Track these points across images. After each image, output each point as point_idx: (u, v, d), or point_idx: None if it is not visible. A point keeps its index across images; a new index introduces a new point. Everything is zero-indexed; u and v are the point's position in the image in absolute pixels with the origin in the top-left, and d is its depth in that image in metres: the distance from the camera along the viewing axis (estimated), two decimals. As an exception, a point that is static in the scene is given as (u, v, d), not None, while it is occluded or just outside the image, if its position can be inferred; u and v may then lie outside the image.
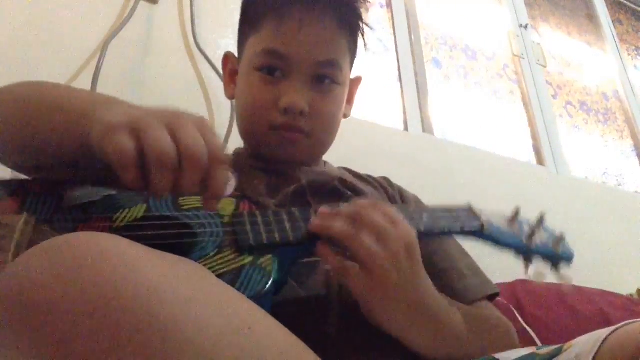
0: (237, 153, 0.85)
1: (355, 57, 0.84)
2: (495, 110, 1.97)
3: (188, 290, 0.34)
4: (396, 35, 1.85)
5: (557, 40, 2.40)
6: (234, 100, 0.85)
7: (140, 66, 1.20)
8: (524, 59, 2.15)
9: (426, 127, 1.72)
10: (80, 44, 1.14)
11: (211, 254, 0.52)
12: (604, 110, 2.34)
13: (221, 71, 1.28)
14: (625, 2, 2.84)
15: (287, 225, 0.57)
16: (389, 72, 1.77)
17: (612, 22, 2.63)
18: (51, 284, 0.31)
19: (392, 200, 0.83)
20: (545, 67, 2.21)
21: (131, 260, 0.33)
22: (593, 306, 1.12)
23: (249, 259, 0.52)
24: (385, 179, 0.89)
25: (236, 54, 0.85)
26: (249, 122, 0.78)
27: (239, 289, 0.47)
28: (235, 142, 0.87)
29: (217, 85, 1.27)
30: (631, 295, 1.37)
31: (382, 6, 1.91)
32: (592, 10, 2.63)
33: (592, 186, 2.00)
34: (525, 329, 0.99)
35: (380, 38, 1.83)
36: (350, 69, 0.84)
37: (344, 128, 0.84)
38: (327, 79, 0.76)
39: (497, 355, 0.54)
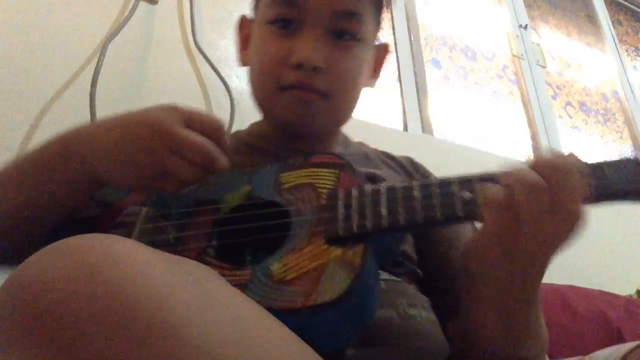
0: (237, 136, 0.79)
1: (381, 19, 0.76)
2: (494, 110, 1.97)
3: (198, 296, 0.34)
4: (396, 35, 1.85)
5: (556, 41, 2.40)
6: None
7: (140, 66, 1.20)
8: (523, 59, 2.15)
9: (426, 128, 1.72)
10: (80, 44, 1.14)
11: (300, 246, 0.49)
12: (604, 111, 2.34)
13: (220, 71, 1.30)
14: (625, 2, 2.84)
15: (384, 207, 0.50)
16: (389, 72, 1.77)
17: (612, 22, 2.64)
18: (63, 287, 0.31)
19: None
20: (544, 67, 2.21)
21: (143, 265, 0.33)
22: (593, 306, 1.12)
23: (337, 252, 0.47)
24: (409, 160, 0.81)
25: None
26: (258, 82, 0.71)
27: (324, 289, 0.44)
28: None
29: (216, 85, 1.27)
30: (631, 295, 1.38)
31: (381, 6, 1.91)
32: (591, 10, 2.63)
33: (592, 187, 2.00)
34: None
35: (380, 38, 1.84)
36: (376, 31, 0.75)
37: (344, 127, 0.83)
38: (347, 33, 0.67)
39: None
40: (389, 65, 1.78)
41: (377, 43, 0.78)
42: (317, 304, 0.43)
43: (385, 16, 2.08)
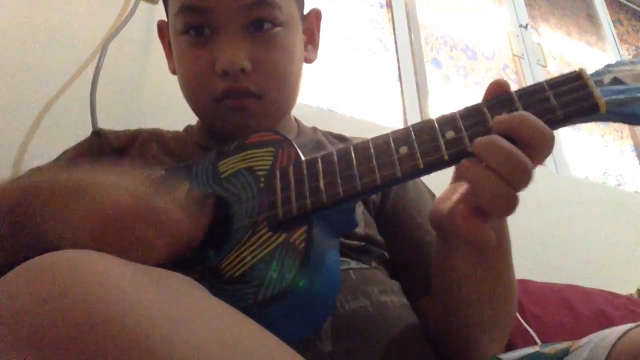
0: (189, 134, 0.75)
1: None
2: (495, 110, 1.97)
3: (177, 309, 0.32)
4: (396, 35, 1.85)
5: (557, 40, 2.40)
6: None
7: (140, 66, 1.20)
8: (524, 59, 2.15)
9: (426, 127, 1.72)
10: (80, 44, 1.14)
11: (245, 238, 0.47)
12: (604, 110, 2.34)
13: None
14: (625, 2, 2.84)
15: (321, 180, 0.47)
16: (389, 72, 1.77)
17: (612, 22, 2.63)
18: (34, 310, 0.29)
19: None
20: (545, 67, 2.20)
21: (117, 281, 0.31)
22: (593, 306, 1.12)
23: (281, 238, 0.45)
24: None
25: None
26: (190, 96, 0.68)
27: (272, 280, 0.42)
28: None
29: (217, 85, 1.27)
30: (631, 295, 1.37)
31: (382, 6, 1.91)
32: (592, 10, 2.63)
33: (592, 186, 2.00)
34: (525, 328, 0.99)
35: (380, 38, 1.84)
36: (299, 6, 0.70)
37: (344, 127, 0.83)
38: (266, 22, 0.63)
39: (500, 355, 0.54)
40: (390, 65, 1.79)
41: (305, 13, 0.73)
42: (267, 297, 0.41)
43: (386, 16, 2.07)
